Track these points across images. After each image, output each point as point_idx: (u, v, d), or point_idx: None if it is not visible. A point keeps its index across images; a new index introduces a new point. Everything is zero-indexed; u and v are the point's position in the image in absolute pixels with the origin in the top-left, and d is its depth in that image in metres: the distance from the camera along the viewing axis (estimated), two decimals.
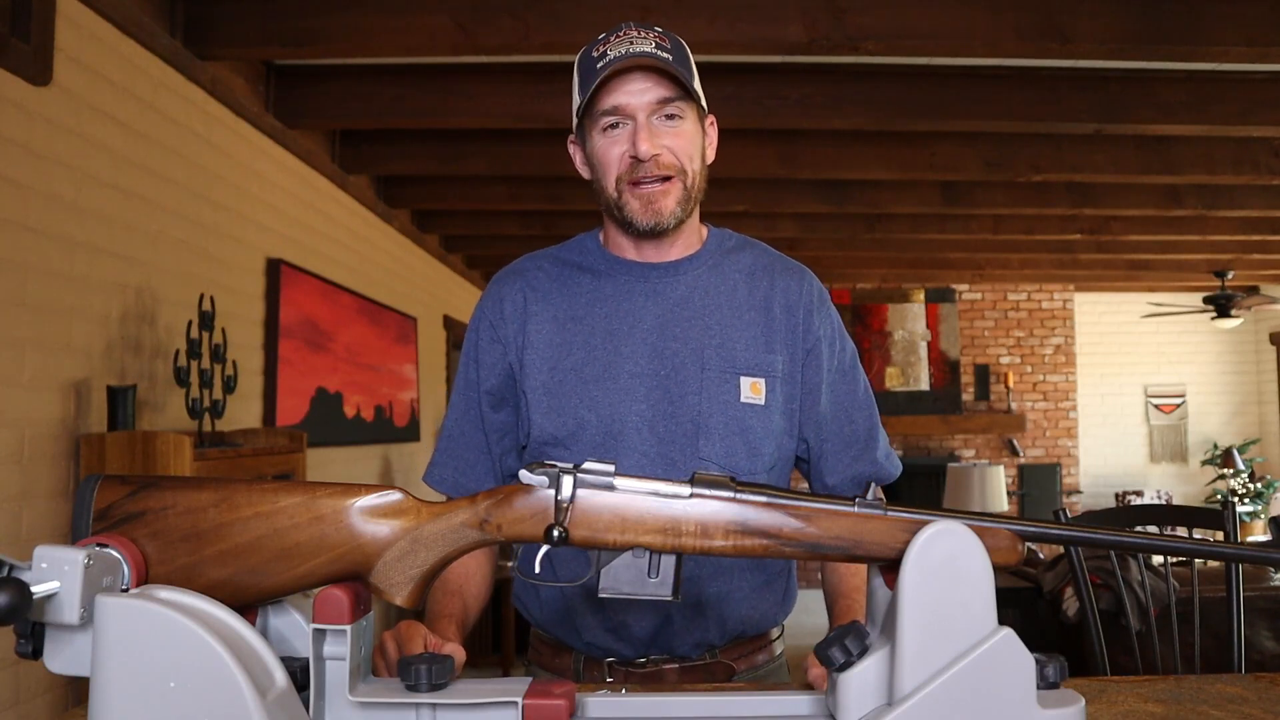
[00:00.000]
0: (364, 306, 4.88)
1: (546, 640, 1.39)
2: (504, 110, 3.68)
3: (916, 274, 8.17)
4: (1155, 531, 1.87)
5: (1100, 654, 1.90)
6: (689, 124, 1.28)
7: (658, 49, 1.24)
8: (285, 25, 3.04)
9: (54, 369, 2.50)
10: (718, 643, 1.33)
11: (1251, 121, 3.79)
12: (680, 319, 1.31)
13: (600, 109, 1.26)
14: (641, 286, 1.33)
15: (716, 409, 1.28)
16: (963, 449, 8.60)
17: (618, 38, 1.26)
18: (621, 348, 1.30)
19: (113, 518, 0.85)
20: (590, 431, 1.28)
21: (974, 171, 4.48)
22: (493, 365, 1.35)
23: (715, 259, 1.37)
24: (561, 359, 1.31)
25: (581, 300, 1.34)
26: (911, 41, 3.02)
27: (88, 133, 2.63)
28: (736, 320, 1.33)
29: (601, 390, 1.28)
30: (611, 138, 1.27)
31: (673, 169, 1.27)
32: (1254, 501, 8.20)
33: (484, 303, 1.38)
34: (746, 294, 1.35)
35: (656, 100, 1.25)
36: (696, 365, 1.29)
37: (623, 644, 1.31)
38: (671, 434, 1.27)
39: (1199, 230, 5.86)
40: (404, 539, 0.88)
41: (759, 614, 1.36)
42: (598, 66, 1.24)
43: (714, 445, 1.27)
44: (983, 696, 0.79)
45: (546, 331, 1.32)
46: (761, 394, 1.30)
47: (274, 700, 0.78)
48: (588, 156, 1.33)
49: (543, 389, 1.30)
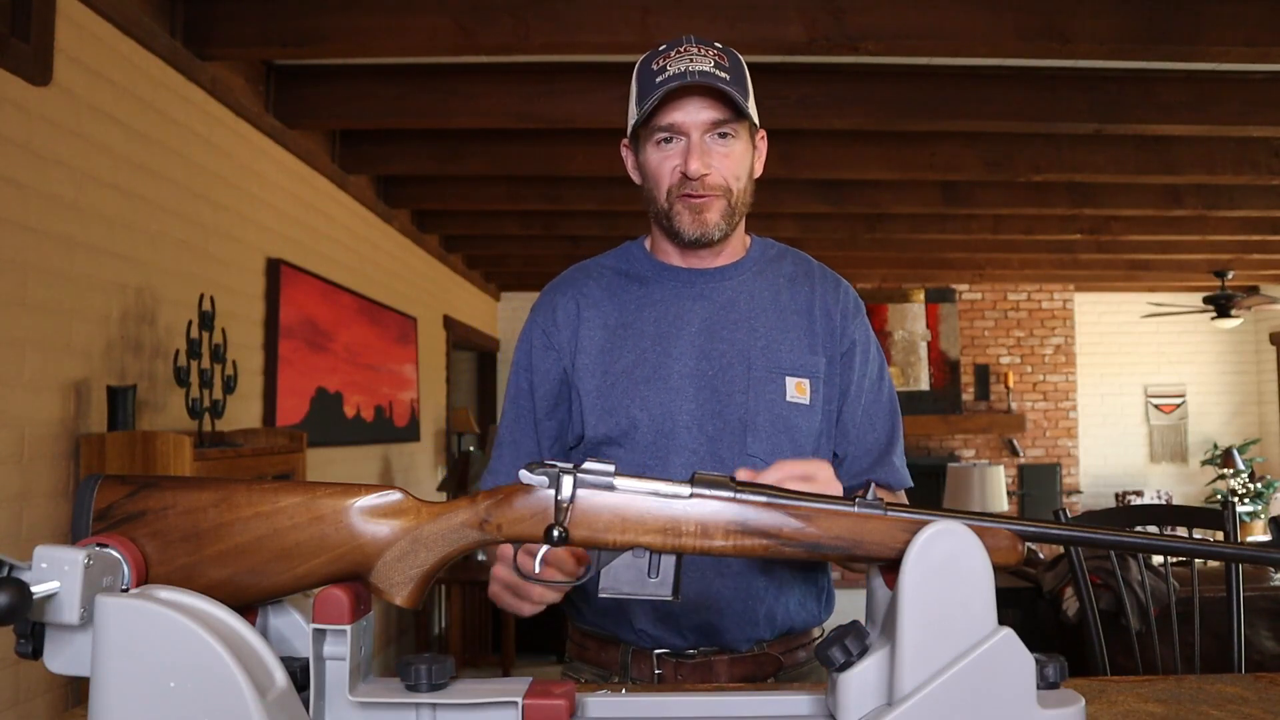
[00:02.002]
0: (364, 306, 4.88)
1: (594, 635, 1.41)
2: (504, 110, 3.69)
3: (916, 274, 8.16)
4: (1155, 531, 1.87)
5: (1100, 654, 1.90)
6: (740, 144, 1.33)
7: (716, 68, 1.28)
8: (285, 25, 3.04)
9: (54, 369, 2.50)
10: (767, 637, 1.36)
11: (1251, 121, 3.79)
12: (727, 322, 1.36)
13: (656, 124, 1.30)
14: (689, 291, 1.38)
15: (763, 408, 1.32)
16: (963, 449, 8.60)
17: (679, 53, 1.30)
18: (671, 349, 1.34)
19: (113, 518, 0.86)
20: (643, 430, 1.32)
21: (974, 171, 4.49)
22: (547, 371, 1.40)
23: (759, 265, 1.42)
24: (613, 362, 1.35)
25: (631, 306, 1.39)
26: (911, 41, 3.02)
27: (88, 133, 2.63)
28: (780, 323, 1.37)
29: (653, 391, 1.33)
30: (665, 152, 1.32)
31: (719, 189, 1.32)
32: (1254, 501, 8.20)
33: (536, 312, 1.44)
34: (789, 299, 1.39)
35: (710, 121, 1.29)
36: (743, 366, 1.33)
37: (674, 634, 1.33)
38: (720, 432, 1.31)
39: (1199, 230, 5.86)
40: (404, 539, 0.88)
41: (805, 610, 1.39)
42: (656, 81, 1.28)
43: (761, 443, 1.31)
44: (983, 696, 0.79)
45: (598, 337, 1.37)
46: (806, 394, 1.34)
47: (274, 700, 0.78)
48: (640, 164, 1.37)
49: (596, 391, 1.35)
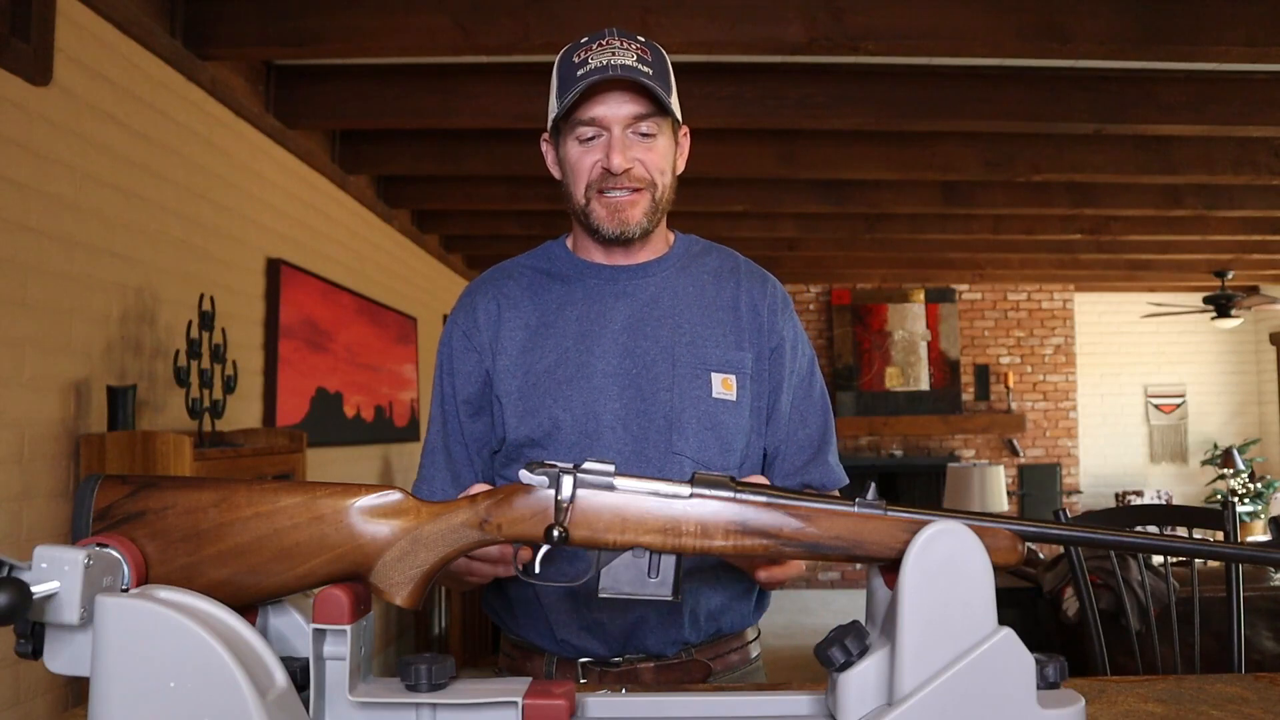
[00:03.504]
0: (364, 306, 4.88)
1: (518, 644, 1.37)
2: (504, 110, 3.68)
3: (916, 274, 8.16)
4: (1155, 531, 1.87)
5: (1100, 654, 1.90)
6: (662, 139, 1.31)
7: (639, 62, 1.26)
8: (285, 25, 3.04)
9: (54, 369, 2.50)
10: (694, 641, 1.32)
11: (1251, 121, 3.78)
12: (650, 318, 1.34)
13: (578, 118, 1.28)
14: (611, 289, 1.36)
15: (689, 404, 1.29)
16: (963, 449, 8.60)
17: (600, 45, 1.28)
18: (594, 348, 1.31)
19: (113, 518, 0.86)
20: (565, 431, 1.29)
21: (974, 171, 4.48)
22: (469, 374, 1.36)
23: (683, 261, 1.40)
24: (534, 363, 1.32)
25: (552, 306, 1.36)
26: (911, 41, 3.02)
27: (88, 133, 2.63)
28: (705, 319, 1.35)
29: (575, 390, 1.30)
30: (586, 147, 1.30)
31: (643, 182, 1.30)
32: (1254, 501, 8.20)
33: (456, 313, 1.41)
34: (714, 294, 1.38)
35: (633, 115, 1.27)
36: (668, 363, 1.31)
37: (597, 642, 1.30)
38: (645, 430, 1.29)
39: (1199, 230, 5.86)
40: (404, 539, 0.88)
41: (734, 611, 1.35)
42: (578, 74, 1.26)
43: (687, 440, 1.28)
44: (983, 696, 0.79)
45: (519, 338, 1.34)
46: (733, 390, 1.32)
47: (274, 700, 0.78)
48: (560, 159, 1.35)
49: (517, 393, 1.32)
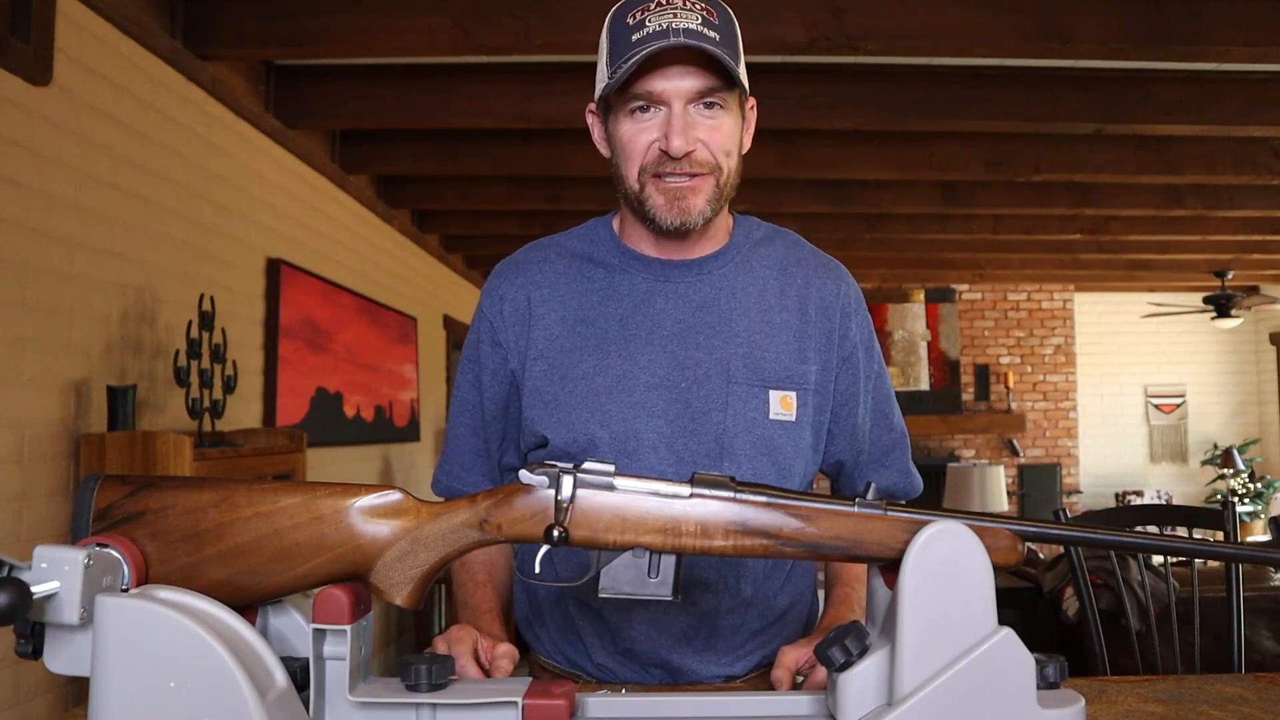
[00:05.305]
0: (364, 306, 4.88)
1: (551, 670, 1.33)
2: (504, 110, 3.68)
3: (916, 274, 8.16)
4: (1155, 531, 1.87)
5: (1100, 654, 1.90)
6: (729, 116, 1.13)
7: (704, 25, 1.07)
8: (285, 25, 3.04)
9: (54, 369, 2.50)
10: (738, 674, 1.24)
11: (1251, 121, 3.79)
12: (704, 325, 1.18)
13: (633, 91, 1.10)
14: (661, 287, 1.19)
15: (743, 427, 1.15)
16: (963, 449, 8.60)
17: (660, 4, 1.08)
18: (638, 356, 1.17)
19: (113, 518, 0.85)
20: (601, 450, 1.15)
21: (974, 171, 4.49)
22: (495, 371, 1.23)
23: (743, 254, 1.23)
24: (570, 367, 1.18)
25: (593, 298, 1.20)
26: (911, 41, 3.02)
27: (88, 133, 2.63)
28: (766, 325, 1.19)
29: (615, 404, 1.16)
30: (640, 123, 1.12)
31: (706, 166, 1.12)
32: (1254, 501, 8.20)
33: (483, 302, 1.25)
34: (778, 294, 1.21)
35: (696, 91, 1.09)
36: (722, 378, 1.16)
37: (635, 670, 1.23)
38: (693, 453, 1.15)
39: (1199, 230, 5.86)
40: (404, 539, 0.88)
41: (784, 640, 1.25)
42: (633, 39, 1.07)
43: (739, 467, 1.15)
44: (983, 697, 0.79)
45: (553, 334, 1.19)
46: (792, 409, 1.18)
47: (274, 700, 0.78)
48: (609, 134, 1.17)
49: (551, 402, 1.18)
